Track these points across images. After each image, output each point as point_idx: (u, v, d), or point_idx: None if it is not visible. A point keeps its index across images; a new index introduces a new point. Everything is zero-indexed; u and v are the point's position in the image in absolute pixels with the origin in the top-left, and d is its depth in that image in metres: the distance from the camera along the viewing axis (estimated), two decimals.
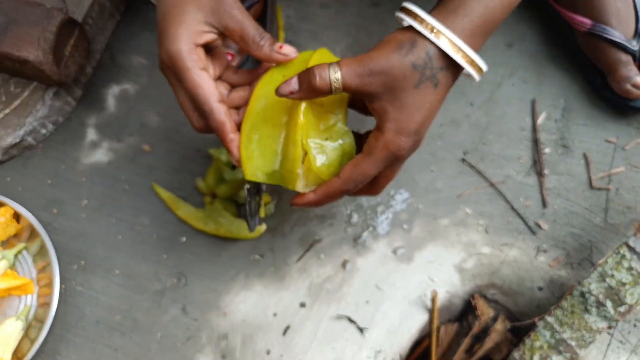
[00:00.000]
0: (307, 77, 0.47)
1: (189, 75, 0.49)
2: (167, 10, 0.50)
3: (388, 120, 0.47)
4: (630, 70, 0.74)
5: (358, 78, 0.46)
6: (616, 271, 0.64)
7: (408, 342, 0.68)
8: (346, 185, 0.50)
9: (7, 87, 0.70)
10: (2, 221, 0.69)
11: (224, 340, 0.67)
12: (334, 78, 0.46)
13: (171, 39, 0.49)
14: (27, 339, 0.67)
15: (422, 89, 0.47)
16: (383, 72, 0.46)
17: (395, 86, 0.46)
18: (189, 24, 0.49)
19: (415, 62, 0.46)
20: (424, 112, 0.48)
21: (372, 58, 0.47)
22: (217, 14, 0.49)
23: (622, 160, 0.77)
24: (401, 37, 0.47)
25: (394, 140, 0.48)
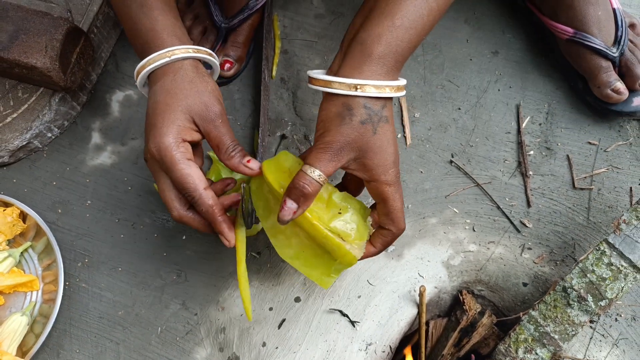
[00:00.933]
0: (298, 192, 0.52)
1: (178, 166, 0.53)
2: (158, 107, 0.55)
3: (372, 169, 0.54)
4: (610, 76, 0.78)
5: (332, 162, 0.53)
6: (597, 267, 0.67)
7: (398, 335, 0.71)
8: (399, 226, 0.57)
9: (15, 93, 0.73)
10: (9, 221, 0.72)
11: (222, 334, 0.70)
12: (317, 177, 0.52)
13: (161, 133, 0.53)
14: (32, 333, 0.69)
15: (379, 132, 0.53)
16: (345, 144, 0.52)
17: (360, 146, 0.53)
18: (179, 122, 0.54)
19: (362, 120, 0.52)
20: (392, 143, 0.54)
21: (329, 142, 0.52)
22: (204, 121, 0.55)
23: (603, 162, 0.80)
24: (335, 109, 0.53)
25: (387, 178, 0.54)
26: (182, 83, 0.55)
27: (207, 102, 0.55)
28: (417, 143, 0.80)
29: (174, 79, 0.55)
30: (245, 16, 0.78)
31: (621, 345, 0.71)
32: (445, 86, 0.83)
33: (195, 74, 0.56)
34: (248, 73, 0.83)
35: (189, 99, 0.54)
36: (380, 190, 0.55)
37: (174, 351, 0.69)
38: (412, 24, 0.52)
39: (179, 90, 0.55)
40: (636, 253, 0.66)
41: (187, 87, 0.55)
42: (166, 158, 0.53)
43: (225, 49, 0.80)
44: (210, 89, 0.56)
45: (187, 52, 0.56)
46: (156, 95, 0.55)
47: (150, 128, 0.54)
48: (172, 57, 0.55)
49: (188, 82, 0.55)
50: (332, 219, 0.55)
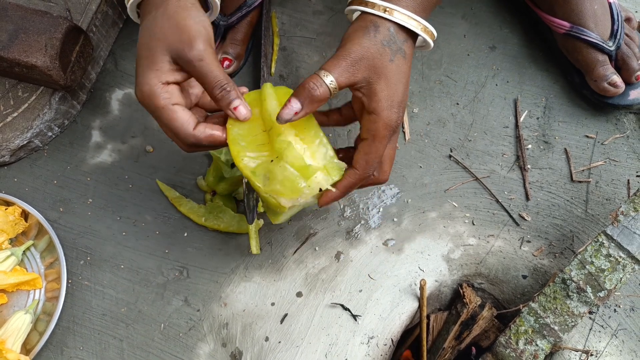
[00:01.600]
0: (306, 93, 0.51)
1: (163, 112, 0.52)
2: (141, 50, 0.53)
3: (379, 100, 0.52)
4: (607, 69, 0.78)
5: (347, 73, 0.51)
6: (595, 258, 0.68)
7: (399, 328, 0.71)
8: (365, 172, 0.54)
9: (15, 92, 0.73)
10: (11, 219, 0.72)
11: (224, 329, 0.70)
12: (329, 82, 0.51)
13: (143, 80, 0.52)
14: (36, 331, 0.70)
15: (396, 61, 0.53)
16: (363, 57, 0.51)
17: (376, 64, 0.52)
18: (158, 65, 0.52)
19: (384, 40, 0.52)
20: (403, 82, 0.53)
21: (349, 50, 0.52)
22: (183, 61, 0.52)
23: (601, 155, 0.81)
24: (363, 24, 0.53)
25: (390, 116, 0.53)
26: (162, 20, 0.52)
27: (185, 39, 0.51)
28: (416, 138, 0.81)
29: (155, 16, 0.52)
30: (243, 13, 0.79)
31: (620, 336, 0.71)
32: (444, 81, 0.84)
33: (177, 7, 0.52)
34: (247, 70, 0.84)
35: (168, 38, 0.51)
36: (373, 126, 0.53)
37: (177, 347, 0.70)
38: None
39: (158, 29, 0.52)
40: (634, 244, 0.66)
41: (166, 25, 0.51)
42: (151, 105, 0.52)
43: (224, 47, 0.80)
44: (193, 22, 0.52)
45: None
46: (140, 36, 0.53)
47: (136, 73, 0.53)
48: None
49: (167, 19, 0.52)
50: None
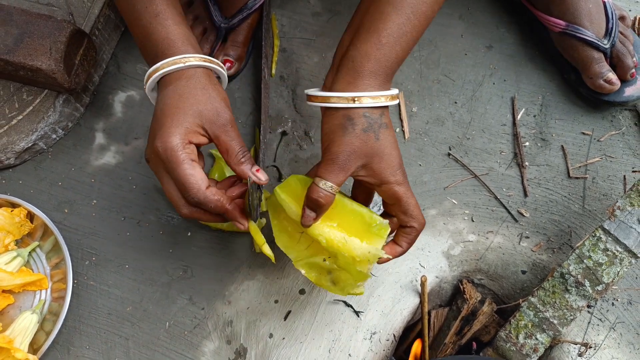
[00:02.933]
0: (314, 204, 0.57)
1: (182, 166, 0.54)
2: (168, 109, 0.55)
3: (382, 173, 0.57)
4: (602, 67, 0.80)
5: (341, 174, 0.56)
6: (593, 253, 0.69)
7: (401, 324, 0.72)
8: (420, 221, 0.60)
9: (20, 95, 0.74)
10: (17, 221, 0.73)
11: (229, 327, 0.71)
12: (329, 188, 0.56)
13: (169, 133, 0.54)
14: (43, 331, 0.70)
15: (381, 137, 0.56)
16: (351, 153, 0.56)
17: (365, 152, 0.56)
18: (187, 124, 0.55)
19: (363, 128, 0.56)
20: (394, 148, 0.58)
21: (336, 153, 0.56)
22: (214, 126, 0.56)
23: (597, 151, 0.82)
24: (337, 122, 0.56)
25: (396, 179, 0.58)
26: (195, 89, 0.56)
27: (218, 108, 0.56)
28: (416, 137, 0.82)
29: (187, 84, 0.56)
30: (244, 16, 0.80)
31: (618, 329, 0.73)
32: (442, 81, 0.85)
33: (208, 81, 0.57)
34: (248, 72, 0.85)
35: (201, 104, 0.56)
36: (392, 191, 0.57)
37: (182, 345, 0.71)
38: (397, 40, 0.55)
39: (190, 95, 0.56)
40: (631, 238, 0.67)
41: (200, 93, 0.56)
42: (171, 157, 0.54)
43: (225, 49, 0.81)
44: (222, 97, 0.58)
45: (201, 61, 0.57)
46: (167, 97, 0.56)
47: (158, 127, 0.55)
48: (186, 63, 0.56)
49: (200, 89, 0.56)
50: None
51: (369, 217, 0.59)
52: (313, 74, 0.85)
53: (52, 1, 0.78)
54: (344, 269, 0.59)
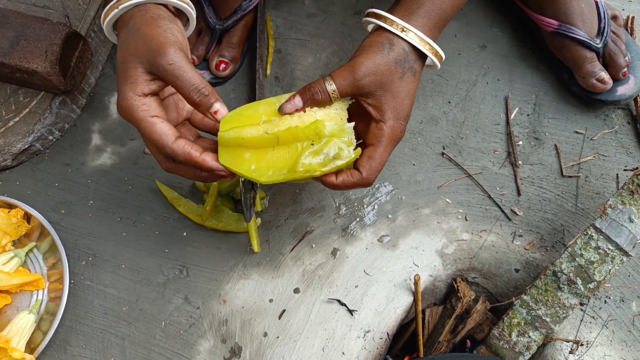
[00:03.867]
0: (308, 94, 0.55)
1: (142, 125, 0.51)
2: (118, 68, 0.53)
3: (386, 111, 0.56)
4: (594, 66, 0.80)
5: (350, 85, 0.55)
6: (585, 251, 0.69)
7: (395, 322, 0.73)
8: (368, 176, 0.56)
9: (17, 97, 0.75)
10: (14, 222, 0.74)
11: (224, 326, 0.72)
12: (330, 90, 0.55)
13: (121, 94, 0.52)
14: (40, 331, 0.71)
15: (406, 78, 0.56)
16: (373, 72, 0.55)
17: (385, 81, 0.55)
18: (132, 78, 0.51)
19: (397, 58, 0.55)
20: (411, 97, 0.57)
21: (360, 63, 0.55)
22: (155, 68, 0.51)
23: (590, 150, 0.82)
24: (379, 39, 0.56)
25: (395, 126, 0.56)
26: (131, 34, 0.52)
27: (153, 47, 0.51)
28: (410, 136, 0.82)
29: (126, 32, 0.53)
30: (238, 17, 0.80)
31: (610, 326, 0.73)
32: (435, 80, 0.86)
33: (143, 20, 0.52)
34: (243, 72, 0.85)
35: (138, 49, 0.51)
36: (380, 133, 0.56)
37: (178, 344, 0.71)
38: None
39: (129, 44, 0.52)
40: (622, 236, 0.68)
41: (135, 38, 0.52)
42: (131, 118, 0.52)
43: (220, 50, 0.82)
44: (160, 31, 0.52)
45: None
46: (118, 54, 0.53)
47: (118, 89, 0.53)
48: (119, 7, 0.53)
49: (135, 32, 0.52)
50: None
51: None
52: (308, 74, 0.86)
53: (49, 4, 0.78)
54: (332, 136, 0.54)
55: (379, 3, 0.91)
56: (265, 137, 0.54)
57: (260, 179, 0.54)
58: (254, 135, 0.54)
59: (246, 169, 0.54)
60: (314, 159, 0.54)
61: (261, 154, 0.55)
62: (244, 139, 0.54)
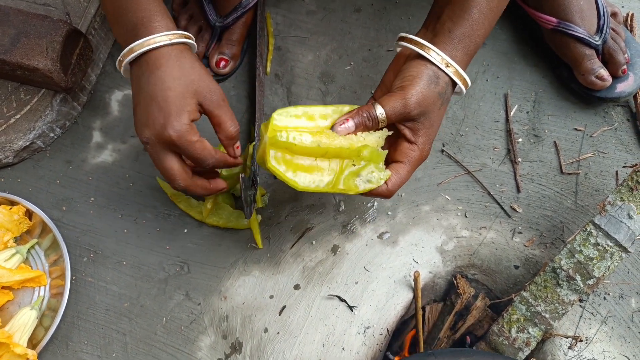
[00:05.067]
0: (360, 119, 0.59)
1: (196, 145, 0.58)
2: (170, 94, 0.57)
3: (420, 136, 0.60)
4: (594, 63, 0.80)
5: (399, 114, 0.58)
6: (584, 247, 0.70)
7: (394, 318, 0.73)
8: (393, 190, 0.61)
9: (18, 95, 0.75)
10: (15, 219, 0.74)
11: (224, 322, 0.72)
12: (379, 115, 0.59)
13: (178, 121, 0.57)
14: (41, 326, 0.72)
15: (442, 108, 0.61)
16: (420, 103, 0.58)
17: (427, 110, 0.59)
18: (189, 107, 0.58)
19: (440, 92, 0.60)
20: (439, 124, 0.61)
21: (412, 95, 0.58)
22: (209, 102, 0.59)
23: (589, 147, 0.83)
24: (426, 71, 0.59)
25: (424, 150, 0.61)
26: (188, 69, 0.58)
27: (210, 85, 0.59)
28: None
29: (180, 65, 0.58)
30: (238, 14, 0.81)
31: (609, 323, 0.74)
32: None
33: (194, 57, 0.60)
34: (243, 70, 0.86)
35: (194, 83, 0.58)
36: (411, 155, 0.61)
37: (179, 340, 0.72)
38: (486, 15, 0.60)
39: (185, 77, 0.58)
40: (621, 233, 0.68)
41: (192, 73, 0.58)
42: (184, 141, 0.57)
43: (220, 47, 0.82)
44: (207, 71, 0.61)
45: (184, 37, 0.59)
46: (163, 81, 0.57)
47: (164, 115, 0.57)
48: (172, 40, 0.58)
49: (190, 68, 0.59)
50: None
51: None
52: (308, 71, 0.86)
53: (49, 1, 0.79)
54: (370, 161, 0.59)
55: (377, 0, 0.91)
56: (316, 149, 0.58)
57: (297, 185, 0.58)
58: (306, 144, 0.57)
59: (290, 173, 0.58)
60: (353, 180, 0.59)
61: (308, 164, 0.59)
62: (295, 145, 0.57)
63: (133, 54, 0.58)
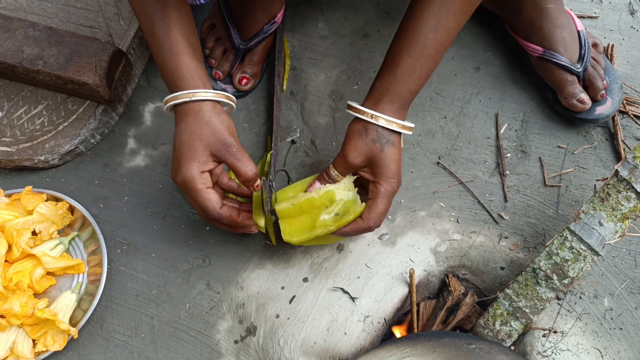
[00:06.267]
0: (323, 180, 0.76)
1: (199, 194, 0.68)
2: (183, 146, 0.69)
3: (379, 175, 0.73)
4: (575, 88, 0.90)
5: (347, 168, 0.74)
6: (560, 250, 0.78)
7: (391, 309, 0.82)
8: (369, 222, 0.72)
9: (66, 105, 0.86)
10: (60, 213, 0.84)
11: (241, 309, 0.82)
12: (335, 175, 0.75)
13: (185, 169, 0.67)
14: (80, 309, 0.81)
15: (386, 150, 0.72)
16: (359, 155, 0.72)
17: (370, 156, 0.72)
18: (199, 159, 0.68)
19: (373, 139, 0.72)
20: (395, 162, 0.73)
21: (348, 150, 0.73)
22: (221, 153, 0.68)
23: (571, 163, 0.92)
24: (357, 127, 0.74)
25: (387, 184, 0.72)
26: (201, 125, 0.68)
27: (221, 138, 0.68)
28: (409, 147, 0.92)
29: (195, 121, 0.68)
30: (260, 39, 0.91)
31: (584, 319, 0.82)
32: (433, 98, 0.96)
33: (212, 114, 0.69)
34: (262, 87, 0.96)
35: (206, 137, 0.67)
36: (377, 191, 0.72)
37: (200, 324, 0.81)
38: (410, 76, 0.71)
39: (198, 132, 0.68)
40: (593, 238, 0.77)
41: (205, 129, 0.68)
42: (190, 188, 0.68)
43: (243, 67, 0.93)
44: (225, 126, 0.69)
45: (207, 95, 0.69)
46: (181, 135, 0.69)
47: (177, 163, 0.68)
48: (192, 98, 0.68)
49: (205, 124, 0.68)
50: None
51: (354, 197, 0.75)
52: (319, 90, 0.96)
53: (94, 24, 0.90)
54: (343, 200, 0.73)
55: (382, 27, 1.02)
56: (292, 208, 0.74)
57: (292, 239, 0.73)
58: (284, 207, 0.74)
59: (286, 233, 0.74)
60: (328, 216, 0.72)
61: (292, 221, 0.74)
62: (280, 211, 0.74)
63: (166, 106, 0.71)
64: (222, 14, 0.92)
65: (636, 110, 0.95)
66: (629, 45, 1.02)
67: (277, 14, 0.90)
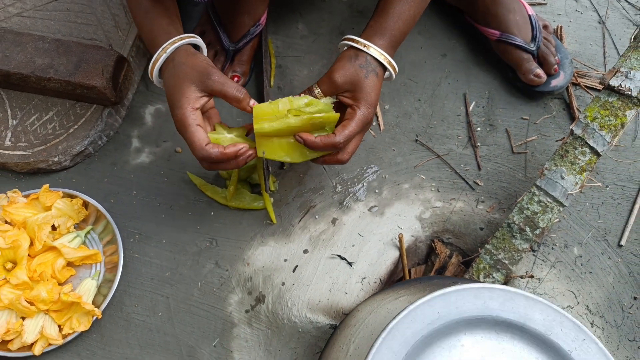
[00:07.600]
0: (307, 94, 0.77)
1: (189, 129, 0.70)
2: (170, 90, 0.74)
3: (359, 100, 0.76)
4: (531, 65, 1.01)
5: (330, 87, 0.76)
6: (530, 205, 0.88)
7: (385, 271, 0.91)
8: (339, 140, 0.74)
9: (75, 110, 0.94)
10: (75, 209, 0.91)
11: (249, 282, 0.89)
12: (317, 92, 0.76)
13: (177, 107, 0.71)
14: (100, 294, 0.88)
15: (370, 77, 0.76)
16: (344, 75, 0.76)
17: (354, 80, 0.76)
18: (188, 95, 0.71)
19: (361, 64, 0.76)
20: (376, 91, 0.76)
21: (334, 70, 0.77)
22: (204, 84, 0.71)
23: (534, 132, 1.03)
24: (348, 53, 0.78)
25: (365, 110, 0.76)
26: (180, 66, 0.72)
27: (201, 70, 0.71)
28: (389, 128, 1.02)
29: (174, 66, 0.73)
30: (247, 40, 1.01)
31: (557, 266, 0.92)
32: (407, 83, 1.06)
33: (186, 55, 0.73)
34: (251, 84, 1.05)
35: (188, 75, 0.71)
36: (353, 113, 0.75)
37: (212, 299, 0.88)
38: (399, 16, 0.78)
39: (179, 73, 0.72)
40: (557, 190, 0.87)
41: (184, 67, 0.72)
42: (181, 126, 0.71)
43: (233, 66, 1.02)
44: (202, 59, 0.73)
45: (174, 44, 0.74)
46: (167, 83, 0.74)
47: (171, 107, 0.73)
48: (167, 51, 0.74)
49: (183, 64, 0.72)
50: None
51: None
52: (304, 83, 1.06)
53: (95, 37, 0.98)
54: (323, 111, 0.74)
55: (357, 24, 1.12)
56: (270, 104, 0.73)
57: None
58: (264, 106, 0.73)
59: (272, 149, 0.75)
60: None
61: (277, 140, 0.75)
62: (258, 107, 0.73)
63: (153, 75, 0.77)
64: (211, 20, 1.01)
65: (587, 81, 1.06)
66: (575, 26, 1.14)
67: (261, 16, 1.00)
